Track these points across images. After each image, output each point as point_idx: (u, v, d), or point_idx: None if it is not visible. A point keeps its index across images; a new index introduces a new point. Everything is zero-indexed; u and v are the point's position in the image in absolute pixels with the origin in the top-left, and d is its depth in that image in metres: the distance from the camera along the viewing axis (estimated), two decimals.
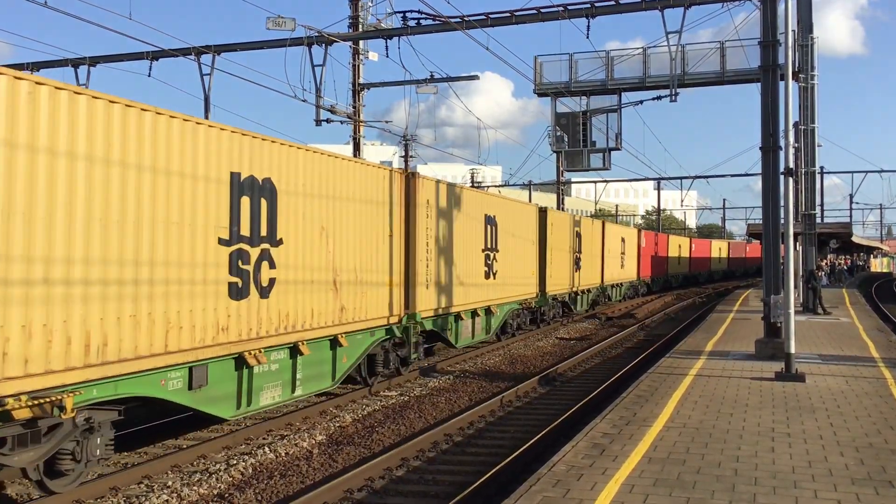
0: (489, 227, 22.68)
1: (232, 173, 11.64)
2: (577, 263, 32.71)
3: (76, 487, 9.49)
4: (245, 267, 11.89)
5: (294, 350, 13.19)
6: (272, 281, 12.50)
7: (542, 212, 28.76)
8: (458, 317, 20.39)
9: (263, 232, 12.30)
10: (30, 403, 8.48)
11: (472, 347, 22.59)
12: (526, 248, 26.37)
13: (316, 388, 14.16)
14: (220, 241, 11.39)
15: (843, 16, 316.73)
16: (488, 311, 22.76)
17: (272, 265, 12.50)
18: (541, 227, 28.24)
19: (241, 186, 11.82)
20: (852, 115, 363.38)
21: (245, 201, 11.89)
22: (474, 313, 21.56)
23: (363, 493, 9.88)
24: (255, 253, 12.12)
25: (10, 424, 8.45)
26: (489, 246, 22.65)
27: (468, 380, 18.26)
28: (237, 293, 11.72)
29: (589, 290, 35.39)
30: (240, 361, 11.91)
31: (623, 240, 43.31)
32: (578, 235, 33.18)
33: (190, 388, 10.90)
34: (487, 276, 22.52)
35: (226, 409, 11.79)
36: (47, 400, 8.65)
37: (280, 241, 12.73)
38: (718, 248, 76.95)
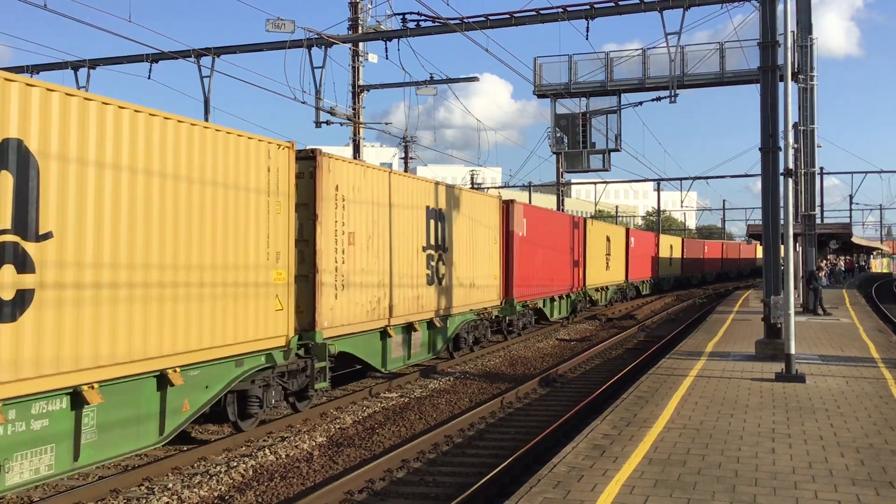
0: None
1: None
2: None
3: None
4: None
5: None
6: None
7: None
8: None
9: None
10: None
11: (479, 347, 22.71)
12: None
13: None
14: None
15: (838, 17, 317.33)
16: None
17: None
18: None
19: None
20: (851, 115, 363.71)
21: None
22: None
23: (364, 495, 9.88)
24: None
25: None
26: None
27: (468, 381, 18.26)
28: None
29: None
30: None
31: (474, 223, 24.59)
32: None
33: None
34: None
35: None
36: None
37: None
38: (669, 246, 55.22)
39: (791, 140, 15.23)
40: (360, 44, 27.57)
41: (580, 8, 22.36)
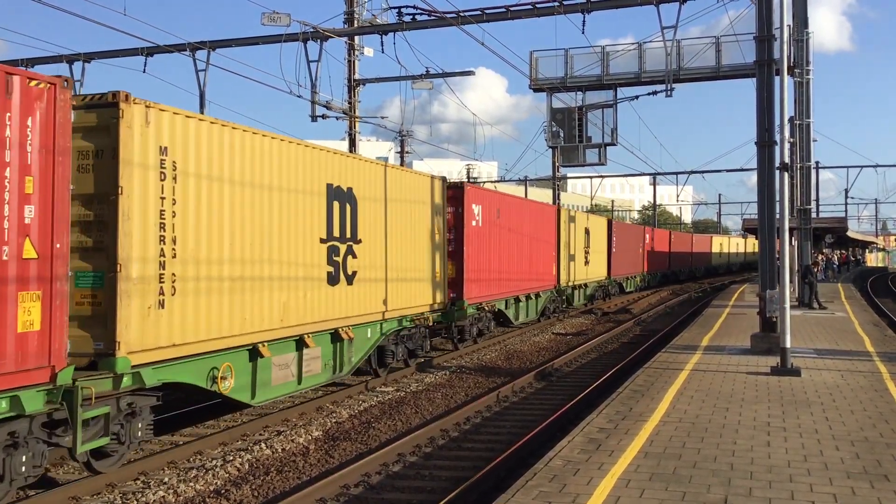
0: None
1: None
2: None
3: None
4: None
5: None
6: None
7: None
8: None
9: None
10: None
11: (472, 341, 22.79)
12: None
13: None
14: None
15: (830, 12, 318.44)
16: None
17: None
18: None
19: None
20: (845, 110, 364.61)
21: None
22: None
23: (360, 489, 9.89)
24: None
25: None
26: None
27: (464, 375, 18.26)
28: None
29: None
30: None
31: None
32: None
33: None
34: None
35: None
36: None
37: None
38: (585, 231, 35.04)
39: (787, 134, 15.23)
40: (356, 38, 27.48)
41: (576, 2, 22.32)
